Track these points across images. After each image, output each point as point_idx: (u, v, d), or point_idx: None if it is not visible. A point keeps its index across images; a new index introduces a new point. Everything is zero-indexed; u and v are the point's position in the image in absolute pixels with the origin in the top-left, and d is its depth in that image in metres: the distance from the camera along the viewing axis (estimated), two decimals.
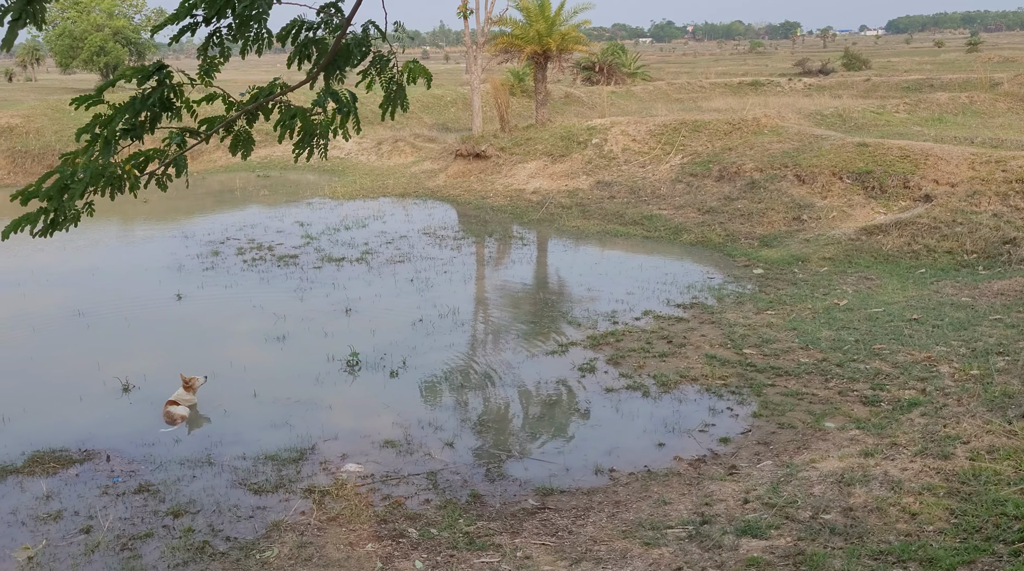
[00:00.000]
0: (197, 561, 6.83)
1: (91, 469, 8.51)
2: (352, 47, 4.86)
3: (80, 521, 7.49)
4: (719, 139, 22.57)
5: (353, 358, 11.34)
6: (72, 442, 9.07)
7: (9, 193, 18.23)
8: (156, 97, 4.50)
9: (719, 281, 15.19)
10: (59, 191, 4.56)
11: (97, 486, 8.14)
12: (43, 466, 8.53)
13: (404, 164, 28.78)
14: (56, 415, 9.84)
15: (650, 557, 6.40)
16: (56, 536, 7.25)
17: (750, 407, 9.71)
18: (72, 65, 57.70)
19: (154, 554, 6.96)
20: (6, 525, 7.45)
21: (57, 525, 7.43)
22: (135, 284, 15.54)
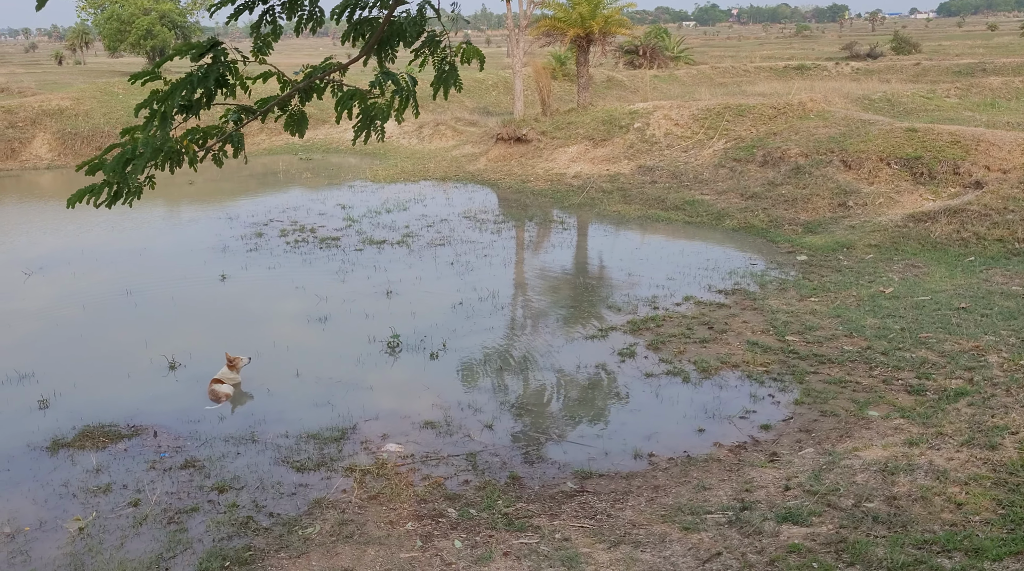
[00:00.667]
0: (241, 536, 6.96)
1: (139, 444, 8.69)
2: (406, 26, 4.87)
3: (128, 494, 7.67)
4: (763, 124, 22.26)
5: (394, 340, 11.42)
6: (121, 417, 9.28)
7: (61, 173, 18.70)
8: (213, 75, 4.56)
9: (762, 267, 15.03)
10: (122, 164, 4.66)
11: (145, 461, 8.32)
12: (93, 440, 8.74)
13: (445, 147, 28.82)
14: (105, 391, 10.07)
15: (689, 541, 6.39)
16: (106, 508, 7.43)
17: (792, 394, 9.61)
18: (120, 48, 58.65)
19: (200, 528, 7.10)
20: (58, 497, 7.65)
21: (107, 498, 7.61)
22: (181, 264, 15.80)
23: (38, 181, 26.19)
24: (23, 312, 12.98)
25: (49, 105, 30.25)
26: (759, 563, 5.90)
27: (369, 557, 6.55)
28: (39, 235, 18.50)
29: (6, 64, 66.85)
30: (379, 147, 30.00)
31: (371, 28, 4.98)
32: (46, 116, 29.62)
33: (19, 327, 12.32)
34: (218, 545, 6.80)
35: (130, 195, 5.05)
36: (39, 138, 28.87)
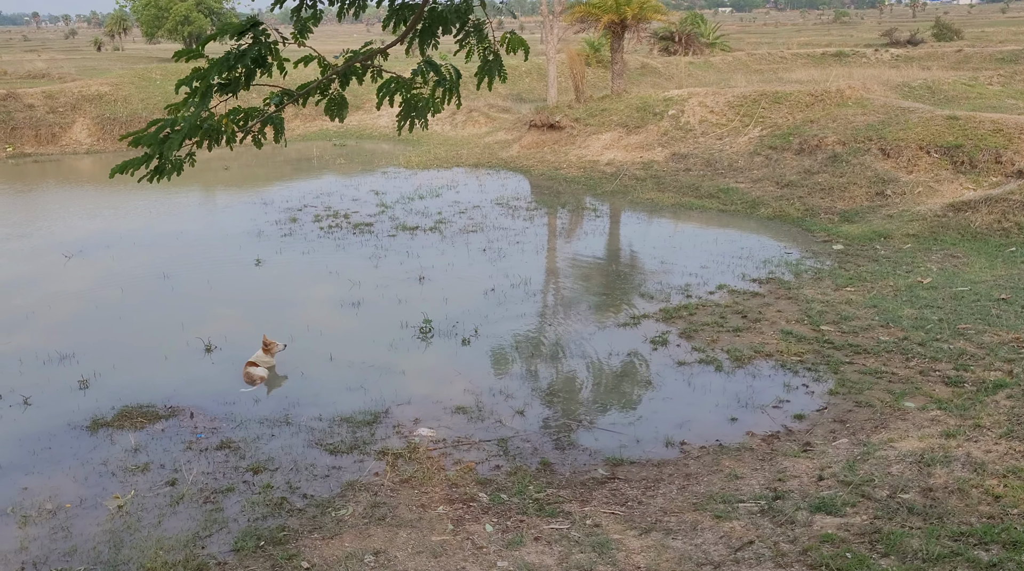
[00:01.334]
0: (276, 516, 7.05)
1: (176, 425, 8.83)
2: (447, 13, 4.85)
3: (166, 474, 7.80)
4: (800, 111, 21.97)
5: (426, 325, 11.47)
6: (158, 398, 9.43)
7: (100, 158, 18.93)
8: (251, 54, 4.58)
9: (797, 256, 14.87)
10: (161, 139, 4.72)
11: (181, 441, 8.45)
12: (131, 420, 8.89)
13: (478, 134, 28.81)
14: (143, 372, 10.23)
15: (721, 529, 6.36)
16: (144, 487, 7.56)
17: (826, 384, 9.52)
18: (157, 35, 59.32)
19: (235, 508, 7.20)
20: (98, 475, 7.80)
21: (145, 476, 7.75)
22: (217, 249, 15.98)
23: (77, 165, 26.60)
24: (64, 294, 13.22)
25: (88, 91, 30.68)
26: (792, 552, 5.87)
27: (401, 539, 6.61)
28: (78, 219, 18.81)
29: (47, 50, 67.89)
30: (412, 134, 29.93)
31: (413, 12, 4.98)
32: (85, 101, 30.04)
33: (60, 308, 12.54)
34: (253, 525, 6.90)
35: (170, 170, 5.11)
36: (79, 123, 29.30)
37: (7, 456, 8.18)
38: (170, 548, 6.56)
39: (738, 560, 5.85)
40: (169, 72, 34.41)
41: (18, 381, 9.86)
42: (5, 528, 6.95)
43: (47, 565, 6.42)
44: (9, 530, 6.91)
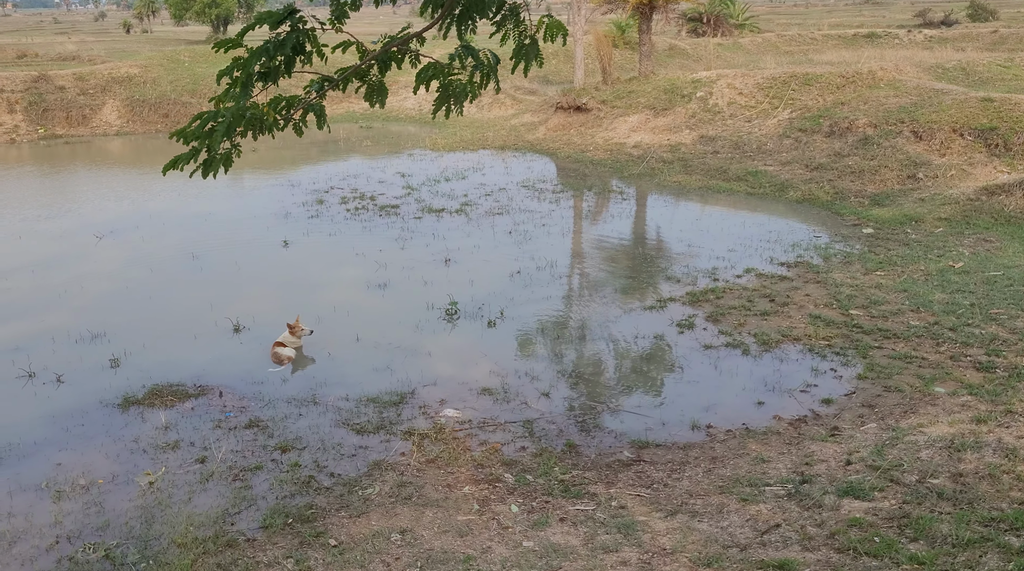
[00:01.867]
0: (303, 494, 7.13)
1: (205, 404, 8.93)
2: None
3: (196, 451, 7.90)
4: (831, 93, 21.68)
5: (452, 307, 11.50)
6: (188, 377, 9.54)
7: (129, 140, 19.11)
8: (290, 42, 4.60)
9: (826, 240, 14.72)
10: (205, 132, 4.75)
11: (211, 420, 8.55)
12: (162, 399, 9.01)
13: (504, 116, 28.72)
14: (173, 351, 10.35)
15: (747, 512, 6.35)
16: (174, 464, 7.67)
17: (855, 369, 9.44)
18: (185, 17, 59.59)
19: (263, 485, 7.29)
20: (129, 452, 7.92)
21: (175, 454, 7.86)
22: (244, 230, 16.09)
23: (107, 147, 26.85)
24: (95, 274, 13.38)
25: (118, 73, 30.90)
26: (819, 536, 5.84)
27: (427, 518, 6.66)
28: (108, 200, 19.00)
29: (77, 32, 68.48)
30: (438, 116, 30.01)
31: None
32: (115, 83, 30.27)
33: (91, 288, 12.70)
34: (281, 502, 6.98)
35: (217, 164, 5.16)
36: (109, 105, 29.54)
37: (41, 432, 8.32)
38: (200, 524, 6.66)
39: (765, 543, 5.83)
40: (197, 55, 34.60)
41: (51, 359, 10.01)
42: (40, 502, 7.08)
43: (81, 539, 6.53)
44: (44, 504, 7.04)
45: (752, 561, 5.54)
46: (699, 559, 5.68)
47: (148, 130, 28.82)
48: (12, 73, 29.94)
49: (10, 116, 28.05)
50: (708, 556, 5.71)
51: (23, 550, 6.42)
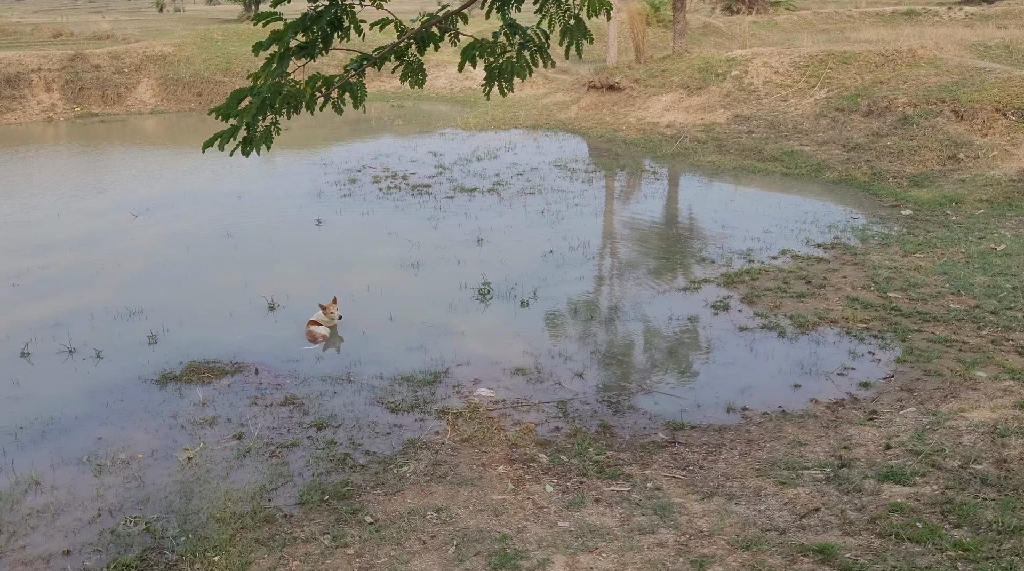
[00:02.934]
0: (339, 471, 7.17)
1: (241, 380, 9.01)
2: None
3: (232, 428, 7.98)
4: (869, 72, 21.28)
5: (485, 287, 11.48)
6: (224, 354, 9.63)
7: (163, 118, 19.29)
8: (327, 15, 4.57)
9: (863, 221, 14.49)
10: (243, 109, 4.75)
11: (247, 396, 8.63)
12: (199, 375, 9.10)
13: (535, 96, 28.55)
14: (209, 329, 10.44)
15: (785, 496, 6.29)
16: (212, 440, 7.75)
17: (893, 352, 9.30)
18: None
19: (299, 462, 7.35)
20: (168, 427, 8.01)
21: (212, 430, 7.94)
22: (278, 208, 16.17)
23: (142, 125, 27.08)
24: (132, 251, 13.53)
25: (152, 51, 31.09)
26: (859, 521, 5.78)
27: (462, 497, 6.68)
28: (144, 178, 19.16)
29: (111, 11, 68.96)
30: (469, 95, 29.93)
31: None
32: (149, 62, 30.47)
33: (129, 265, 12.84)
34: (317, 479, 7.03)
35: (258, 141, 5.15)
36: (143, 84, 29.76)
37: (82, 407, 8.45)
38: (238, 499, 6.73)
39: (804, 527, 5.78)
40: (230, 33, 34.69)
41: (90, 335, 10.15)
42: (82, 476, 7.20)
43: (122, 512, 6.63)
44: (86, 478, 7.16)
45: (792, 545, 5.50)
46: (737, 542, 5.64)
47: (182, 109, 29.01)
48: (49, 52, 30.24)
49: (47, 94, 28.36)
50: (746, 539, 5.67)
51: (66, 522, 6.53)
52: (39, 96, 28.22)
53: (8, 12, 60.92)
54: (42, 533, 6.40)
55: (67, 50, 30.61)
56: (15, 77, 27.95)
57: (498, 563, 5.67)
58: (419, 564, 5.75)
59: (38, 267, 12.68)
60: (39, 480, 7.12)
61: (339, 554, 5.94)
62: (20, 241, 14.14)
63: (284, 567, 5.82)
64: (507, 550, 5.83)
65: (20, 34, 38.14)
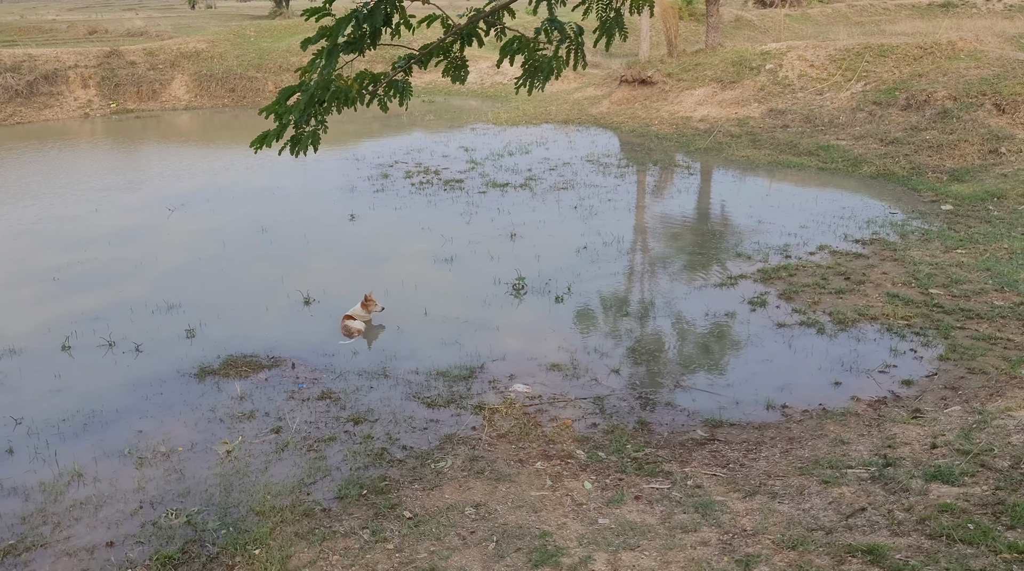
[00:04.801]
0: (377, 466, 7.17)
1: (279, 375, 9.05)
2: None
3: (271, 422, 8.01)
4: (907, 65, 20.94)
5: (519, 282, 11.44)
6: (261, 349, 9.67)
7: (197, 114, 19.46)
8: (378, 12, 4.54)
9: (902, 217, 14.26)
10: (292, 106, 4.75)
11: (284, 391, 8.66)
12: (236, 369, 9.15)
13: (567, 90, 28.43)
14: (245, 323, 10.50)
15: (830, 495, 6.19)
16: (250, 434, 7.78)
17: (936, 349, 9.14)
18: None
19: (337, 456, 7.36)
20: (207, 421, 8.06)
21: (251, 424, 7.98)
22: (312, 203, 16.24)
23: (176, 121, 27.33)
24: (169, 246, 13.64)
25: (186, 48, 31.37)
26: (908, 521, 5.66)
27: (500, 493, 6.65)
28: (179, 173, 19.32)
29: (144, 8, 69.64)
30: (500, 90, 29.88)
31: None
32: (184, 58, 30.75)
33: (166, 260, 12.95)
34: (355, 474, 7.04)
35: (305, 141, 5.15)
36: (177, 80, 30.03)
37: (123, 400, 8.52)
38: (277, 493, 6.75)
39: (851, 527, 5.68)
40: (263, 30, 34.91)
41: (129, 329, 10.24)
42: (123, 468, 7.26)
43: (163, 505, 6.68)
44: (127, 470, 7.22)
45: (839, 545, 5.40)
46: (783, 542, 5.55)
47: (215, 104, 29.24)
48: (85, 49, 30.60)
49: (84, 91, 28.71)
50: (792, 538, 5.58)
51: (109, 514, 6.59)
52: (76, 92, 28.58)
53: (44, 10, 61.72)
54: (86, 524, 6.46)
55: (103, 47, 30.96)
56: (53, 74, 28.32)
57: (539, 560, 5.63)
58: (459, 560, 5.73)
59: (78, 261, 12.83)
60: (82, 472, 7.19)
61: (379, 549, 5.94)
62: (60, 236, 14.32)
63: (324, 561, 5.82)
64: (548, 547, 5.79)
65: (56, 32, 38.64)
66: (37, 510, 6.67)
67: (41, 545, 6.22)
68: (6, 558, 6.07)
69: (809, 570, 5.19)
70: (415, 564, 5.71)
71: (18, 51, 29.08)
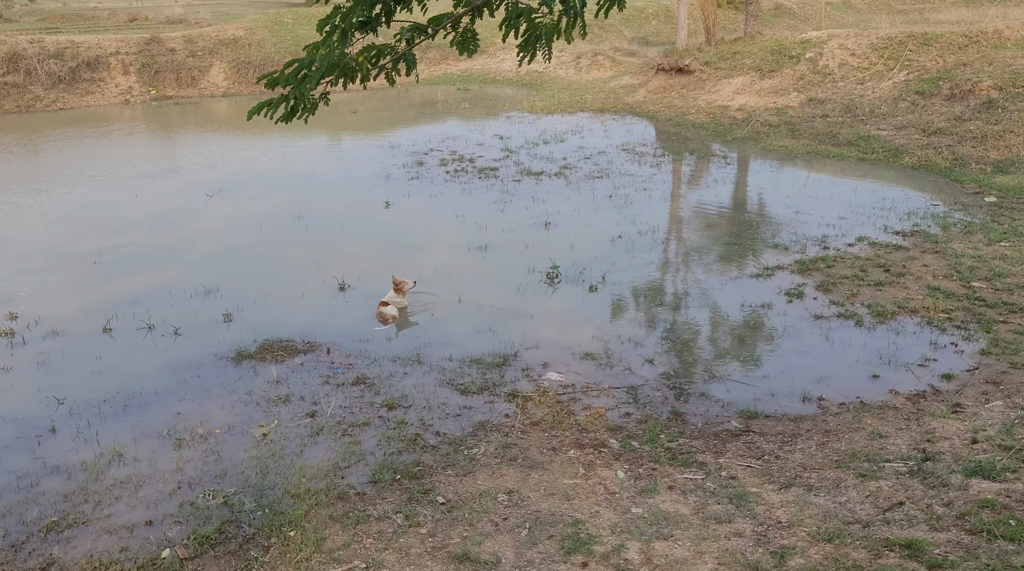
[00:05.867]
0: (410, 451, 7.22)
1: (314, 360, 9.13)
2: None
3: (306, 406, 8.08)
4: (952, 54, 20.53)
5: (554, 271, 11.42)
6: (296, 334, 9.77)
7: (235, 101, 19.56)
8: None
9: (944, 208, 14.01)
10: (298, 78, 4.77)
11: (319, 375, 8.73)
12: (272, 353, 9.24)
13: (602, 79, 28.27)
14: (282, 308, 10.60)
15: (867, 488, 6.12)
16: (286, 417, 7.87)
17: (977, 344, 8.98)
18: None
19: (371, 441, 7.41)
20: (243, 404, 8.16)
21: (286, 408, 8.06)
22: (347, 190, 16.33)
23: (214, 108, 27.60)
24: (207, 231, 13.81)
25: (225, 35, 31.63)
26: (947, 516, 5.58)
27: (533, 480, 6.66)
28: (217, 159, 19.53)
29: None
30: (535, 78, 29.78)
31: None
32: (222, 46, 31.01)
33: (204, 245, 13.11)
34: (389, 459, 7.09)
35: (304, 111, 5.17)
36: (216, 67, 30.31)
37: (162, 382, 8.66)
38: (312, 476, 6.82)
39: (888, 521, 5.61)
40: (300, 16, 35.09)
41: (168, 313, 10.39)
42: (162, 449, 7.38)
43: (200, 485, 6.78)
44: (166, 451, 7.33)
45: (876, 539, 5.34)
46: (818, 534, 5.50)
47: (252, 91, 29.47)
48: (126, 36, 30.99)
49: (124, 78, 29.09)
50: (828, 531, 5.53)
51: (148, 494, 6.70)
52: (117, 79, 28.96)
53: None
54: (125, 503, 6.58)
55: (143, 34, 31.33)
56: (94, 60, 28.72)
57: (571, 547, 5.64)
58: (492, 546, 5.75)
59: (118, 245, 13.03)
60: (122, 452, 7.32)
61: (412, 533, 5.98)
62: (101, 220, 14.55)
63: (358, 544, 5.88)
64: (580, 535, 5.79)
65: (98, 19, 39.15)
66: (79, 488, 6.80)
67: (83, 522, 6.34)
68: (49, 534, 6.20)
69: (845, 563, 5.14)
70: (448, 549, 5.75)
71: (61, 38, 29.52)
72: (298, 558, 5.72)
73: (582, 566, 5.46)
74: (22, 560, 5.93)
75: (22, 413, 8.11)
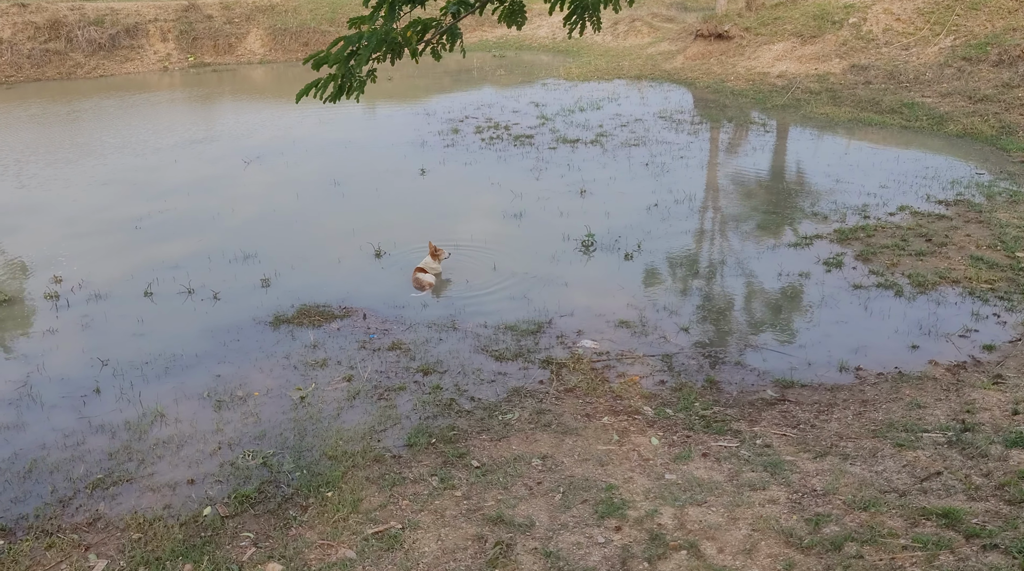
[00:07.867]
0: (445, 416, 7.28)
1: (350, 325, 9.22)
2: None
3: (342, 370, 8.18)
4: (1001, 18, 19.96)
5: (589, 238, 11.39)
6: (333, 299, 9.86)
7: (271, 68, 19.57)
8: None
9: (989, 177, 13.71)
10: (346, 56, 4.75)
11: (356, 340, 8.82)
12: (310, 318, 9.35)
13: (640, 45, 27.91)
14: (319, 274, 10.70)
15: (904, 458, 6.07)
16: (323, 381, 7.97)
17: (1021, 315, 8.82)
18: None
19: (407, 406, 7.49)
20: (281, 368, 8.28)
21: (323, 372, 8.16)
22: (383, 157, 16.36)
23: (251, 75, 27.73)
24: (245, 197, 13.94)
25: (261, 2, 31.69)
26: (986, 486, 5.53)
27: (567, 446, 6.69)
28: (254, 127, 19.66)
29: None
30: (571, 45, 29.49)
31: None
32: (259, 12, 31.08)
33: (242, 211, 13.25)
34: (424, 423, 7.16)
35: (353, 90, 5.15)
36: (252, 34, 30.41)
37: (202, 345, 8.81)
38: (349, 439, 6.92)
39: (925, 490, 5.57)
40: None
41: (208, 277, 10.54)
42: (203, 411, 7.52)
43: (240, 446, 6.91)
44: (207, 413, 7.48)
45: (913, 507, 5.31)
46: (854, 502, 5.48)
47: (289, 58, 29.57)
48: (164, 3, 31.17)
49: (163, 44, 29.31)
50: (864, 500, 5.51)
51: (189, 453, 6.85)
52: (155, 46, 29.18)
53: None
54: (168, 462, 6.73)
55: (181, 1, 31.48)
56: (133, 27, 28.94)
57: (605, 512, 5.68)
58: (526, 509, 5.81)
59: (158, 211, 13.21)
60: (164, 413, 7.47)
61: (447, 495, 6.05)
62: (142, 185, 14.76)
63: (394, 505, 5.96)
64: (614, 499, 5.83)
65: None
66: (123, 447, 6.97)
67: (127, 480, 6.50)
68: (95, 491, 6.37)
69: (881, 531, 5.12)
70: (482, 511, 5.81)
71: (101, 5, 29.76)
72: (336, 518, 5.83)
73: (615, 530, 5.50)
74: (70, 515, 6.11)
75: (68, 374, 8.31)
